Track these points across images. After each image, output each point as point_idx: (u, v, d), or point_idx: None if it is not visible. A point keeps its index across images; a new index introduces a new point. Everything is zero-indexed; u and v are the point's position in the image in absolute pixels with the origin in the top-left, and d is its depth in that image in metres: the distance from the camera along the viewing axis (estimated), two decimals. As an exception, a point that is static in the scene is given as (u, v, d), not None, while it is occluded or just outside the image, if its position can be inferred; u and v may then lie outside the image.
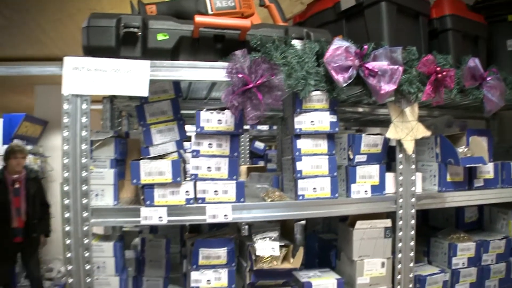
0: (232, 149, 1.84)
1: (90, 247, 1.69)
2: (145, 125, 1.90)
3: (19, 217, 4.80)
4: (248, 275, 1.91)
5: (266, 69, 1.73)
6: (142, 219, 1.72)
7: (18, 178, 4.86)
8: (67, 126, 1.67)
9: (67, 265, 1.70)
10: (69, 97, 1.68)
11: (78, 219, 1.67)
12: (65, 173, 1.66)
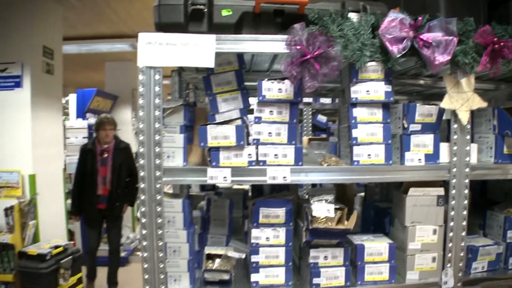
0: (291, 116, 1.99)
1: (161, 202, 1.90)
2: (211, 94, 2.08)
3: (104, 186, 4.93)
4: (304, 234, 2.06)
5: (323, 41, 1.86)
6: (208, 179, 1.91)
7: (107, 148, 4.99)
8: (142, 94, 1.87)
9: (141, 218, 1.91)
10: (143, 69, 1.88)
11: (151, 177, 1.88)
12: (140, 137, 1.87)
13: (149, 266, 1.95)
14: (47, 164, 4.29)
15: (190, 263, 2.04)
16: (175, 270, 2.04)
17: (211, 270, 2.06)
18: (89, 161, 4.89)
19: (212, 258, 2.12)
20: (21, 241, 3.86)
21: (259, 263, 2.06)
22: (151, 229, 1.91)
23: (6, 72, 4.00)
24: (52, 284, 3.68)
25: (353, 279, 2.16)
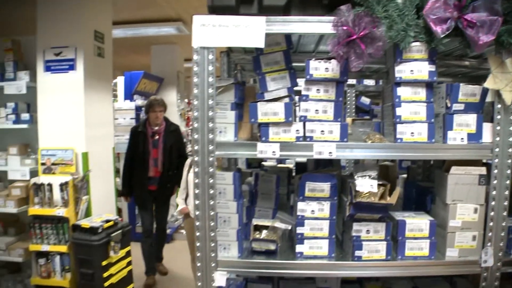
0: (337, 94, 2.09)
1: (214, 175, 2.03)
2: (260, 73, 2.19)
3: (156, 168, 5.04)
4: (348, 208, 2.16)
5: (368, 22, 1.94)
6: (258, 153, 2.03)
7: (158, 131, 5.04)
8: (196, 73, 2.00)
9: (195, 189, 2.06)
10: (198, 49, 2.00)
11: (205, 151, 2.02)
12: (195, 113, 2.01)
13: (201, 234, 2.09)
14: (98, 143, 4.48)
15: (239, 232, 2.17)
16: (224, 239, 2.17)
17: (258, 240, 2.18)
18: (141, 143, 4.98)
19: (259, 229, 2.25)
20: (74, 215, 4.09)
21: (304, 235, 2.18)
22: (204, 199, 2.05)
23: (61, 56, 4.21)
24: (103, 256, 3.88)
25: (394, 254, 2.24)
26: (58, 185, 4.05)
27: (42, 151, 4.22)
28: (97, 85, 4.42)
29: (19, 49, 4.55)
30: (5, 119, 4.46)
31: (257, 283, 2.50)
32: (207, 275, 2.13)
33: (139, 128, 5.07)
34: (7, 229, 4.62)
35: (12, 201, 4.26)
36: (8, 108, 4.43)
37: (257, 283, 2.50)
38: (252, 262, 2.16)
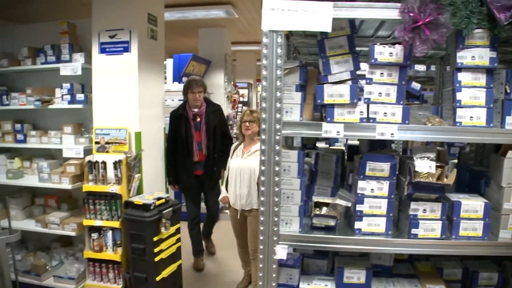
0: (400, 78, 2.21)
1: (280, 153, 2.19)
2: (324, 57, 2.32)
3: (200, 151, 5.00)
4: (406, 188, 2.29)
5: (433, 8, 2.05)
6: (323, 133, 2.18)
7: (199, 112, 4.96)
8: (265, 55, 2.15)
9: (261, 166, 2.21)
10: (267, 32, 2.15)
11: (272, 130, 2.17)
12: (263, 93, 2.16)
13: (265, 209, 2.25)
14: (150, 123, 4.67)
15: (301, 208, 2.33)
16: (287, 215, 2.34)
17: (319, 216, 2.33)
18: (182, 126, 4.93)
19: (319, 206, 2.40)
20: (127, 192, 4.30)
21: (363, 212, 2.32)
22: (269, 176, 2.21)
23: (116, 38, 4.40)
24: (154, 232, 4.08)
25: (448, 233, 2.36)
26: (112, 163, 4.25)
27: (96, 130, 4.43)
28: (150, 67, 4.59)
29: (74, 32, 4.75)
30: (61, 99, 4.68)
31: (313, 258, 2.67)
32: (269, 248, 2.29)
33: (179, 111, 5.01)
34: (60, 205, 4.88)
35: (67, 178, 4.50)
36: (63, 89, 4.65)
37: (313, 258, 2.67)
38: (313, 236, 2.32)
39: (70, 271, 4.62)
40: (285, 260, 2.38)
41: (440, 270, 2.70)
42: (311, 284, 2.49)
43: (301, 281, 2.52)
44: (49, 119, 5.14)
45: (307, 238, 2.32)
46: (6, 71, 4.99)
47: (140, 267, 4.15)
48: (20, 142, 4.96)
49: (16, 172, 4.85)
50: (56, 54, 4.69)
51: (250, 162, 4.12)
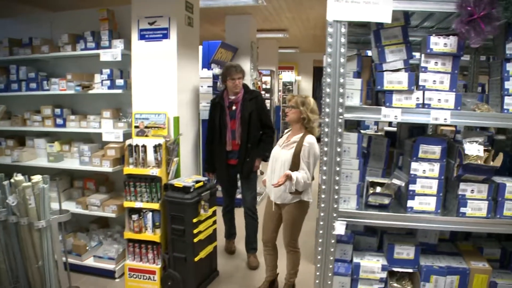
0: (453, 67, 2.42)
1: (341, 135, 2.40)
2: (380, 46, 2.54)
3: (234, 140, 4.91)
4: (456, 170, 2.50)
5: (488, 3, 2.25)
6: (382, 116, 2.40)
7: (235, 100, 4.89)
8: (330, 44, 2.36)
9: (323, 147, 2.44)
10: (331, 23, 2.35)
11: (335, 113, 2.39)
12: (327, 79, 2.37)
13: (326, 187, 2.48)
14: (187, 108, 4.86)
15: (359, 187, 2.56)
16: (345, 193, 2.57)
17: (375, 194, 2.55)
18: (217, 115, 4.91)
19: (373, 186, 2.62)
20: (166, 175, 4.53)
21: (415, 191, 2.55)
22: (331, 156, 2.44)
23: (155, 25, 4.58)
24: (194, 213, 4.30)
25: (493, 213, 2.58)
26: (152, 146, 4.46)
27: (135, 115, 4.64)
28: (187, 53, 4.78)
29: (114, 18, 4.95)
30: (100, 84, 4.90)
31: (364, 235, 2.90)
32: (329, 224, 2.53)
33: (216, 99, 5.02)
34: (98, 187, 5.13)
35: (107, 161, 4.75)
36: (103, 75, 4.87)
37: (364, 236, 2.90)
38: (369, 213, 2.55)
39: (109, 252, 4.87)
40: (339, 236, 2.61)
41: (480, 249, 2.93)
42: (364, 259, 2.73)
43: (354, 256, 2.76)
44: (87, 104, 5.37)
45: (363, 215, 2.55)
46: (46, 57, 5.22)
47: (179, 248, 4.39)
48: (60, 127, 5.21)
49: (56, 156, 5.08)
50: (95, 41, 4.90)
51: (284, 154, 3.84)
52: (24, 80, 5.31)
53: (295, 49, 13.92)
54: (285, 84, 12.26)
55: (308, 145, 3.65)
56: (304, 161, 3.65)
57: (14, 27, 5.70)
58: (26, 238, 3.45)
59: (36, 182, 3.41)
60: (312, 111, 3.73)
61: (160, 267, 4.58)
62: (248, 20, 8.38)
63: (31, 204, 3.37)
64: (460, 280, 2.66)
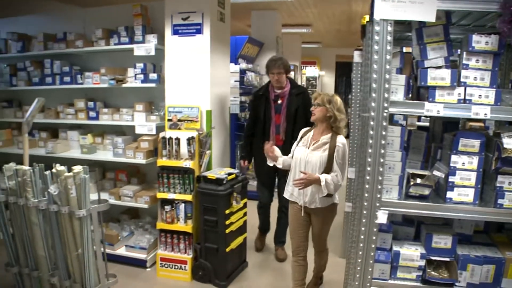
0: (494, 65, 2.55)
1: (386, 128, 2.56)
2: (422, 43, 2.68)
3: (278, 135, 4.85)
4: (494, 163, 2.64)
5: (529, 3, 2.39)
6: (425, 111, 2.54)
7: (281, 94, 4.83)
8: (377, 42, 2.51)
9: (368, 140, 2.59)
10: (378, 21, 2.50)
11: (380, 107, 2.54)
12: (373, 75, 2.53)
13: (370, 178, 2.64)
14: (218, 102, 5.02)
15: (401, 178, 2.71)
16: (388, 183, 2.72)
17: (417, 185, 2.71)
18: (261, 107, 4.87)
19: (413, 177, 2.78)
20: (198, 167, 4.70)
21: (454, 183, 2.69)
22: (375, 148, 2.59)
23: (188, 20, 4.73)
24: (226, 205, 4.46)
25: (529, 205, 2.72)
26: (186, 139, 4.63)
27: (169, 109, 4.82)
28: (219, 48, 4.95)
29: (147, 14, 5.14)
30: (134, 78, 5.09)
31: (402, 225, 3.06)
32: (371, 213, 2.68)
33: (260, 92, 4.97)
34: (130, 179, 5.32)
35: (141, 153, 4.94)
36: (137, 69, 5.05)
37: (402, 226, 3.06)
38: (410, 203, 2.70)
39: (141, 241, 5.05)
40: (380, 225, 2.76)
41: (514, 241, 3.07)
42: (403, 248, 2.89)
43: (394, 245, 2.92)
44: (119, 97, 5.57)
45: (404, 204, 2.70)
46: (80, 52, 5.43)
47: (211, 238, 4.56)
48: (93, 119, 5.42)
49: (90, 147, 5.29)
50: (129, 36, 5.08)
51: (316, 156, 3.65)
52: (58, 74, 5.52)
53: (317, 44, 14.02)
54: (308, 79, 12.37)
55: (342, 146, 3.59)
56: (338, 162, 3.58)
57: (49, 22, 5.91)
58: (67, 227, 3.58)
59: (77, 172, 3.54)
60: (339, 110, 3.62)
61: (191, 257, 4.75)
62: (274, 15, 8.53)
63: (73, 194, 3.50)
64: (496, 269, 2.81)
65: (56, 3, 6.89)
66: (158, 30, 5.08)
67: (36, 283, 3.97)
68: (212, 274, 4.59)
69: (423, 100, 2.64)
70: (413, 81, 2.90)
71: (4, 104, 6.10)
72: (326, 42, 13.85)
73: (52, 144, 5.43)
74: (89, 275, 3.60)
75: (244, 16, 8.79)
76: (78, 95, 5.58)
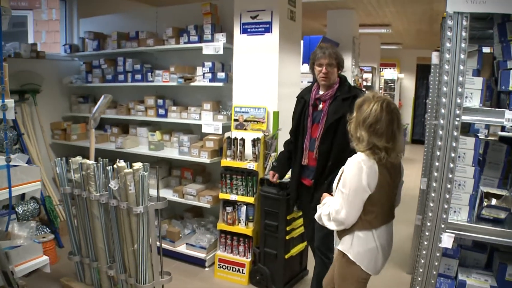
0: None
1: (457, 138, 2.13)
2: (505, 41, 2.25)
3: (311, 153, 3.49)
4: None
5: None
6: (504, 120, 2.10)
7: (323, 97, 3.44)
8: (449, 38, 2.11)
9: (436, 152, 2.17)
10: (451, 14, 2.09)
11: (451, 114, 2.12)
12: (444, 77, 2.11)
13: (435, 195, 2.22)
14: (286, 103, 4.73)
15: (472, 198, 2.29)
16: (456, 203, 2.30)
17: (490, 206, 2.26)
18: (297, 115, 3.61)
19: (487, 197, 2.32)
20: (262, 169, 4.44)
21: (539, 207, 2.22)
22: (443, 162, 2.17)
23: (257, 19, 4.50)
24: (287, 210, 4.17)
25: None
26: (251, 140, 4.41)
27: (235, 108, 4.61)
28: (289, 48, 4.67)
29: (216, 12, 4.97)
30: (202, 77, 4.93)
31: (471, 250, 2.60)
32: (435, 236, 2.26)
33: (302, 93, 3.70)
34: (195, 177, 5.18)
35: (206, 152, 4.76)
36: (205, 67, 4.90)
37: (471, 251, 2.60)
38: (481, 227, 2.26)
39: (201, 241, 4.89)
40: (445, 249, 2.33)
41: None
42: (470, 277, 2.45)
43: (460, 273, 2.48)
44: (188, 95, 5.45)
45: (474, 228, 2.27)
46: (151, 50, 5.38)
47: (271, 243, 4.30)
48: (162, 117, 5.34)
49: (157, 144, 5.21)
50: (198, 34, 4.95)
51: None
52: (130, 72, 5.52)
53: (397, 45, 13.28)
54: (386, 82, 11.72)
55: (347, 166, 2.47)
56: (337, 189, 2.51)
57: (122, 21, 5.97)
58: (124, 222, 3.55)
59: (137, 169, 3.46)
60: (362, 125, 2.40)
61: (250, 261, 4.53)
62: (350, 14, 8.14)
63: (131, 190, 3.44)
64: None
65: (132, 3, 6.98)
66: (227, 29, 4.90)
67: (95, 273, 4.03)
68: (270, 280, 4.33)
69: (504, 107, 2.19)
70: (493, 85, 2.44)
71: (80, 99, 6.24)
72: (406, 43, 13.07)
73: (122, 139, 5.44)
74: (144, 271, 3.55)
75: (320, 16, 8.44)
76: (149, 92, 5.56)
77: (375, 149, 2.37)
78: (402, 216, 3.77)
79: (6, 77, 2.63)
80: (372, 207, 2.44)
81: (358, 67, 8.81)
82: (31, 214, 4.71)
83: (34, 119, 5.73)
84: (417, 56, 14.91)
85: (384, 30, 9.80)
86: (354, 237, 2.49)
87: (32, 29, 8.24)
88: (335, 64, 3.37)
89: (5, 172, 2.72)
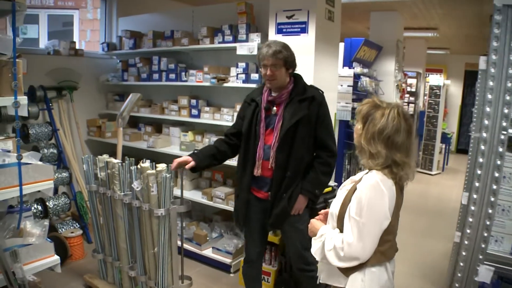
0: None
1: (503, 156, 1.78)
2: None
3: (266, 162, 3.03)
4: None
5: None
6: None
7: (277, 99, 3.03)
8: (496, 36, 1.77)
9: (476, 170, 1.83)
10: (500, 8, 1.74)
11: (496, 127, 1.78)
12: (490, 82, 1.77)
13: (474, 221, 1.89)
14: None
15: (517, 224, 1.92)
16: (498, 230, 1.95)
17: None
18: (248, 118, 3.09)
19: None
20: (292, 175, 4.15)
21: None
22: (485, 182, 1.83)
23: (293, 19, 4.25)
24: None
25: None
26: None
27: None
28: (326, 49, 4.40)
29: (252, 12, 4.75)
30: (235, 78, 4.72)
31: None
32: (471, 267, 1.92)
33: (254, 94, 3.18)
34: (225, 180, 4.97)
35: (237, 155, 4.50)
36: (239, 68, 4.68)
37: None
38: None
39: (228, 245, 4.68)
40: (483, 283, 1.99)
41: None
42: (513, 311, 2.08)
43: (501, 306, 2.11)
44: (221, 96, 5.25)
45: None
46: (185, 49, 5.23)
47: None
48: (194, 117, 5.16)
49: (188, 145, 5.03)
50: (233, 34, 4.73)
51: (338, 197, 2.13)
52: (165, 71, 5.38)
53: (445, 50, 12.69)
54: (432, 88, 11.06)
55: (364, 190, 1.93)
56: (350, 217, 1.94)
57: (160, 21, 5.87)
58: (146, 224, 3.44)
59: (160, 171, 3.32)
60: (379, 138, 1.94)
61: (275, 270, 4.27)
62: (394, 17, 7.77)
63: (153, 192, 3.32)
64: None
65: (170, 2, 6.92)
66: (262, 29, 4.67)
67: (117, 273, 3.96)
68: (295, 291, 4.04)
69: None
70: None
71: (116, 97, 6.18)
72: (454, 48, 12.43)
73: (153, 138, 5.31)
74: (163, 275, 3.44)
75: (363, 18, 8.09)
76: (183, 92, 5.39)
77: (393, 167, 1.92)
78: (442, 231, 3.43)
79: (19, 74, 2.48)
80: (388, 236, 1.96)
81: (401, 72, 8.39)
82: (61, 208, 4.69)
83: (71, 116, 5.71)
84: (466, 62, 14.13)
85: (431, 34, 9.31)
86: (366, 273, 1.96)
87: (78, 28, 8.30)
88: (281, 64, 2.92)
89: (17, 170, 2.56)
